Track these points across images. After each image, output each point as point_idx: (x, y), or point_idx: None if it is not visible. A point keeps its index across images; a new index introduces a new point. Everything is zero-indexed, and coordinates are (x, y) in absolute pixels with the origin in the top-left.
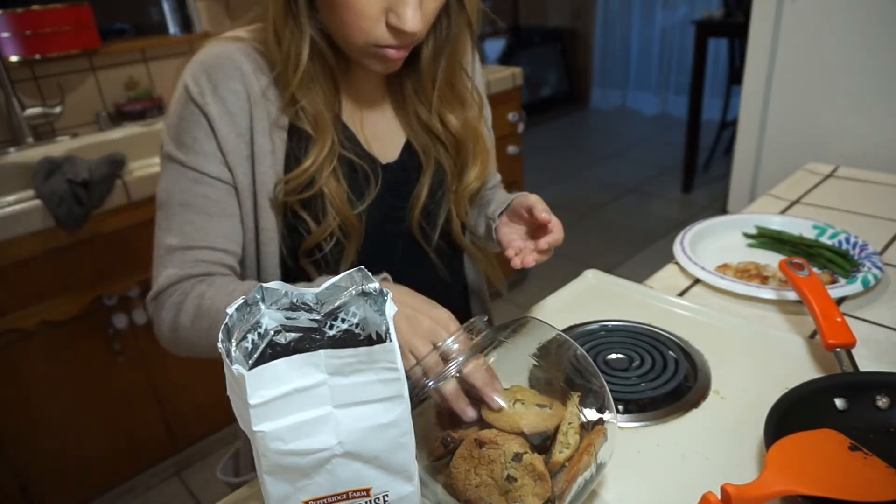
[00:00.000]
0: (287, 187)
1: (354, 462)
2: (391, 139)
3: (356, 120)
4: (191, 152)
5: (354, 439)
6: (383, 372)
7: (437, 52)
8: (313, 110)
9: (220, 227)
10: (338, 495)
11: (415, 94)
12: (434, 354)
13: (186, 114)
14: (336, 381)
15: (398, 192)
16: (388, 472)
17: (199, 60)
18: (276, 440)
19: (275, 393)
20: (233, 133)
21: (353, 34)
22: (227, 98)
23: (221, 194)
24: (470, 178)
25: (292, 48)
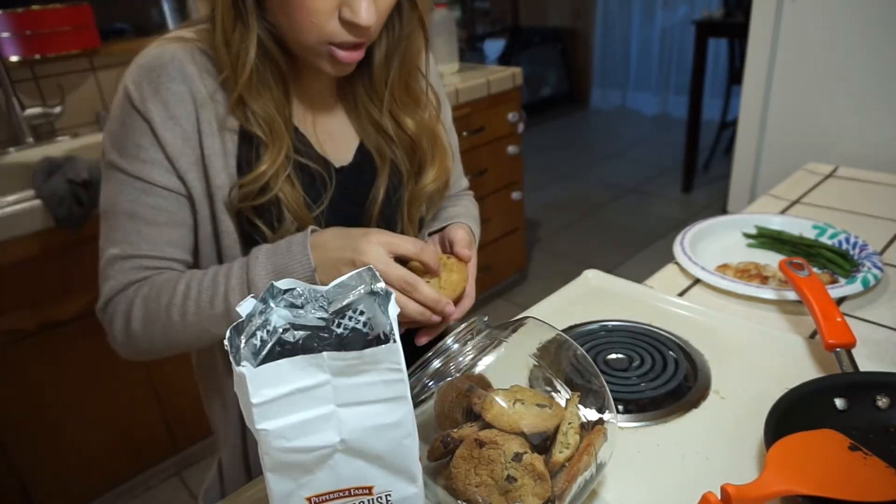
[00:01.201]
0: (240, 192)
1: (356, 459)
2: (344, 141)
3: (307, 122)
4: (136, 161)
5: (357, 437)
6: (386, 373)
7: (390, 53)
8: (265, 115)
9: (167, 236)
10: (340, 492)
11: (367, 96)
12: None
13: (128, 120)
14: (339, 382)
15: (354, 195)
16: (390, 472)
17: (139, 63)
18: (279, 438)
19: (277, 392)
20: (178, 138)
21: (304, 32)
22: (169, 101)
23: (170, 203)
24: (426, 179)
25: (241, 49)
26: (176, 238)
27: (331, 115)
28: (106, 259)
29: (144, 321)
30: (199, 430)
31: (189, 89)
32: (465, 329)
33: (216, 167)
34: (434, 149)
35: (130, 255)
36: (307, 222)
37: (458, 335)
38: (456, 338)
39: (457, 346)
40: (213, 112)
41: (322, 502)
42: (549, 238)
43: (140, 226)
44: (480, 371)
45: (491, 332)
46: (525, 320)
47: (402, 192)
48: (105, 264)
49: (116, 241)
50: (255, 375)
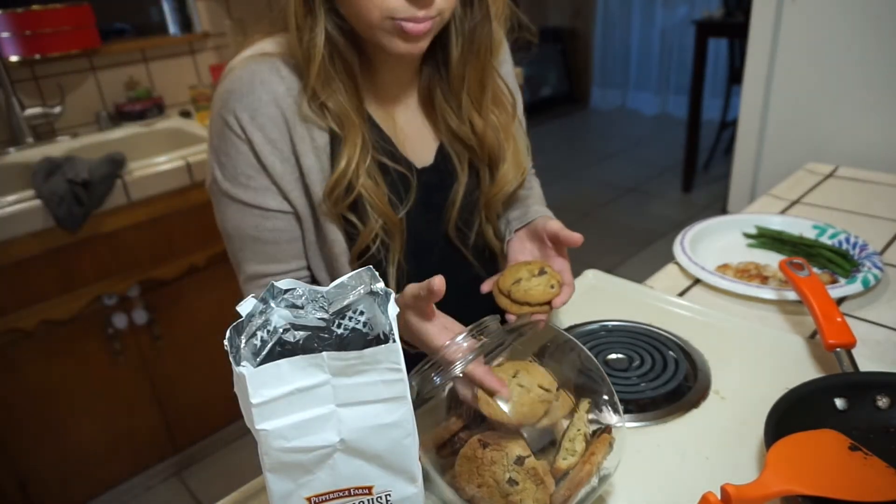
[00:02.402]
0: (333, 197)
1: (356, 459)
2: (424, 142)
3: (388, 121)
4: (249, 190)
5: (356, 437)
6: (386, 373)
7: (465, 49)
8: (336, 108)
9: (290, 251)
10: (339, 491)
11: (444, 97)
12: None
13: (232, 150)
14: (339, 382)
15: (434, 196)
16: (390, 471)
17: (230, 90)
18: (278, 438)
19: (277, 392)
20: (278, 160)
21: (367, 10)
22: (265, 126)
23: (286, 223)
24: (503, 182)
25: (310, 43)
26: (296, 251)
27: (411, 114)
28: (245, 276)
29: None
30: (199, 430)
31: (281, 111)
32: (476, 328)
33: (315, 184)
34: (510, 149)
35: (265, 273)
36: (392, 221)
37: (468, 334)
38: (466, 337)
39: (466, 344)
40: (303, 128)
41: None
42: None
43: (266, 247)
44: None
45: (500, 334)
46: (535, 323)
47: (480, 193)
48: (245, 280)
49: (249, 261)
50: (255, 375)
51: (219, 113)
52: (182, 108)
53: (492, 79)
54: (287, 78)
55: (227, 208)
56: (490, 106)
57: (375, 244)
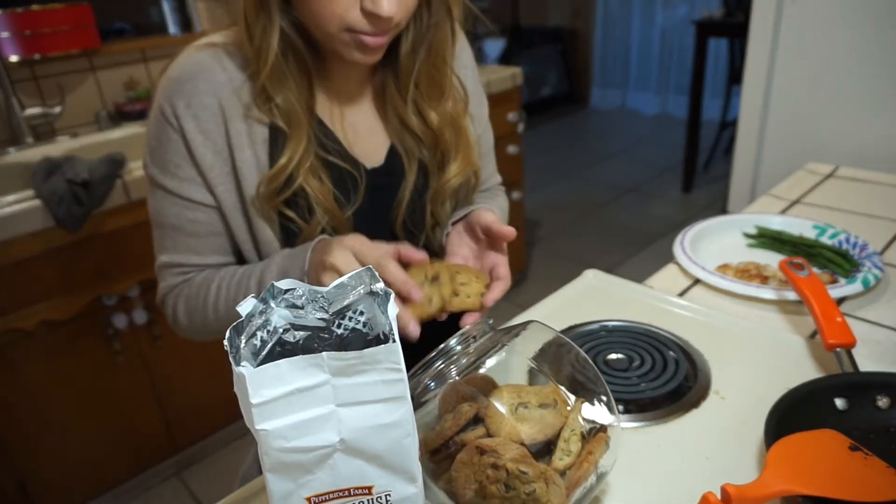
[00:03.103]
0: (268, 189)
1: (356, 458)
2: (375, 141)
3: (336, 120)
4: (174, 178)
5: (357, 437)
6: (386, 372)
7: (417, 43)
8: (285, 105)
9: (210, 245)
10: (339, 491)
11: (395, 91)
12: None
13: (163, 137)
14: (339, 381)
15: (382, 196)
16: (390, 471)
17: (170, 76)
18: (278, 438)
19: (277, 392)
20: (209, 152)
21: (326, 20)
22: (200, 115)
23: (208, 216)
24: (450, 174)
25: (263, 41)
26: (216, 246)
27: (362, 113)
28: (159, 263)
29: (188, 315)
30: (199, 430)
31: (218, 101)
32: (469, 331)
33: (248, 178)
34: (458, 142)
35: (178, 263)
36: (339, 219)
37: (461, 337)
38: (459, 339)
39: (459, 347)
40: (240, 114)
41: (322, 502)
42: (549, 238)
43: (184, 238)
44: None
45: (494, 335)
46: (528, 324)
47: (428, 193)
48: (159, 267)
49: (166, 249)
50: (255, 375)
51: (157, 99)
52: None
53: (441, 72)
54: (229, 69)
55: (153, 194)
56: (440, 100)
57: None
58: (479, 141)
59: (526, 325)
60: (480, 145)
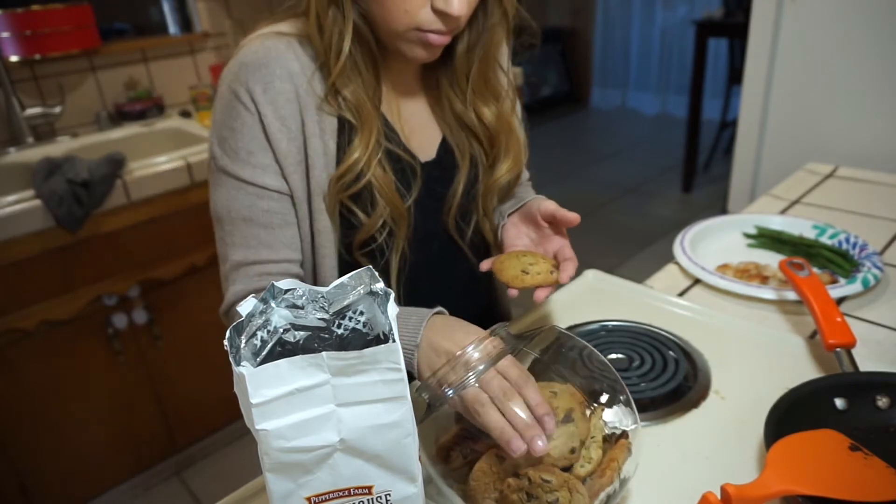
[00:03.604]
0: (339, 184)
1: (356, 459)
2: (428, 135)
3: (395, 114)
4: (247, 166)
5: (356, 437)
6: (386, 372)
7: (472, 44)
8: (355, 99)
9: (283, 238)
10: (339, 491)
11: (450, 88)
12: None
13: (238, 123)
14: (339, 381)
15: (435, 189)
16: (390, 471)
17: (242, 61)
18: (278, 438)
19: (277, 392)
20: (285, 138)
21: (396, 19)
22: (277, 100)
23: (283, 205)
24: (501, 171)
25: (335, 35)
26: (289, 239)
27: (416, 107)
28: (230, 264)
29: None
30: (199, 430)
31: (294, 87)
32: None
33: (317, 168)
34: (510, 141)
35: (252, 261)
36: (399, 210)
37: (478, 343)
38: (476, 345)
39: (477, 354)
40: (314, 110)
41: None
42: None
43: (258, 230)
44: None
45: (512, 341)
46: (547, 328)
47: (479, 186)
48: (229, 269)
49: (237, 246)
50: (255, 375)
51: (228, 85)
52: (182, 108)
53: (494, 72)
54: (302, 57)
55: (222, 187)
56: (492, 99)
57: (383, 234)
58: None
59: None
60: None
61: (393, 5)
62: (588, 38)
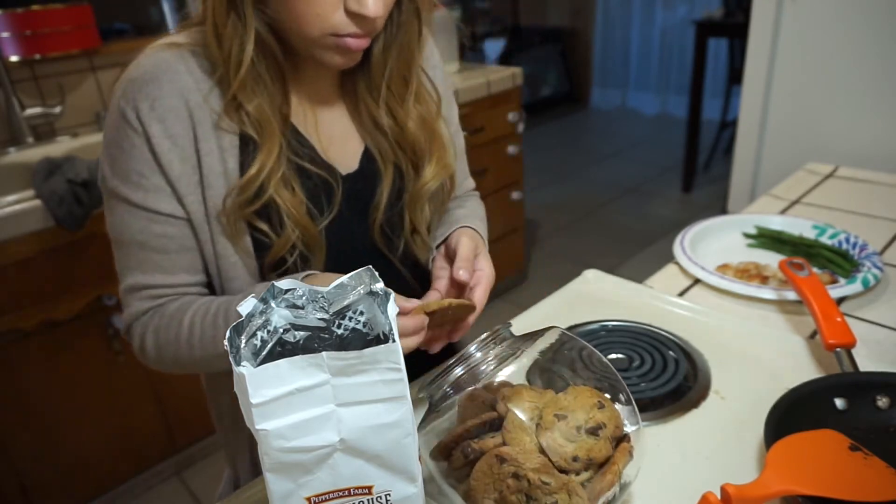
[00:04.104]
0: (238, 199)
1: (356, 459)
2: (349, 145)
3: (310, 124)
4: (139, 189)
5: (356, 437)
6: (386, 372)
7: (388, 44)
8: (257, 113)
9: (180, 262)
10: (339, 491)
11: (367, 93)
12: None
13: (125, 143)
14: (339, 381)
15: (358, 203)
16: (390, 471)
17: (130, 76)
18: (278, 438)
19: (277, 392)
20: (176, 158)
21: (308, 24)
22: (166, 118)
23: (178, 229)
24: (426, 177)
25: (234, 45)
26: (187, 263)
27: (335, 117)
28: (124, 287)
29: (157, 348)
30: (199, 430)
31: (185, 103)
32: (489, 337)
33: (215, 187)
34: (433, 145)
35: (145, 285)
36: (310, 233)
37: (481, 343)
38: (479, 346)
39: (479, 354)
40: (210, 122)
41: (322, 502)
42: (549, 238)
43: (151, 255)
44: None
45: (514, 342)
46: (549, 329)
47: (405, 196)
48: (123, 292)
49: (131, 270)
50: (255, 376)
51: (116, 102)
52: None
53: (415, 74)
54: (195, 70)
55: (115, 209)
56: (413, 101)
57: (293, 256)
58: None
59: (546, 331)
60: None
61: (304, 10)
62: (588, 38)
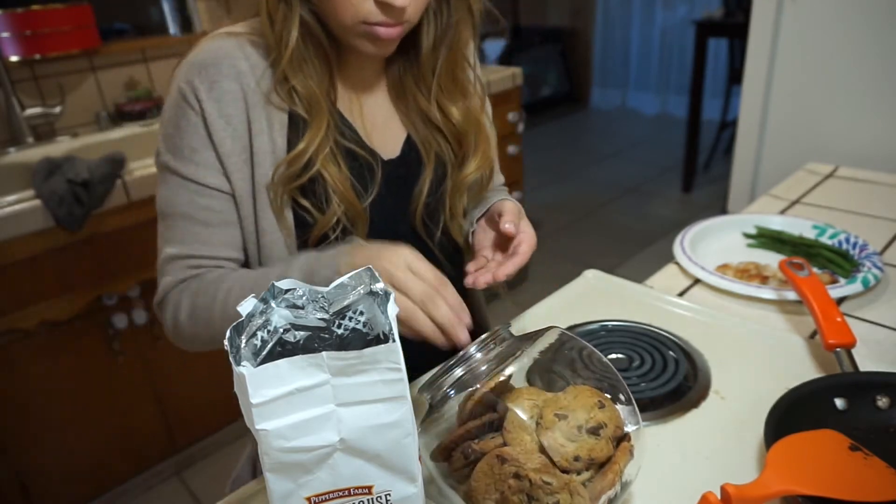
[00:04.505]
0: (286, 172)
1: (356, 458)
2: (391, 133)
3: (354, 110)
4: (189, 164)
5: (356, 437)
6: (386, 372)
7: (438, 40)
8: (305, 91)
9: (221, 237)
10: (339, 491)
11: (414, 85)
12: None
13: (182, 121)
14: (339, 381)
15: (399, 188)
16: (390, 471)
17: (191, 61)
18: (278, 438)
19: (277, 392)
20: (229, 137)
21: (343, 12)
22: (222, 99)
23: (223, 204)
24: (469, 168)
25: (283, 28)
26: (228, 238)
27: (378, 104)
28: (164, 257)
29: (191, 314)
30: (199, 430)
31: (241, 87)
32: (489, 337)
33: (264, 166)
34: (478, 138)
35: (186, 255)
36: (355, 208)
37: (481, 343)
38: (479, 346)
39: (480, 354)
40: (262, 104)
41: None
42: (549, 238)
43: (195, 227)
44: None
45: (514, 342)
46: (548, 330)
47: (446, 185)
48: (163, 261)
49: (173, 241)
50: (255, 375)
51: (176, 84)
52: None
53: (462, 69)
54: (251, 56)
55: (165, 183)
56: (462, 97)
57: (336, 232)
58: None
59: (546, 331)
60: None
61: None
62: (588, 38)
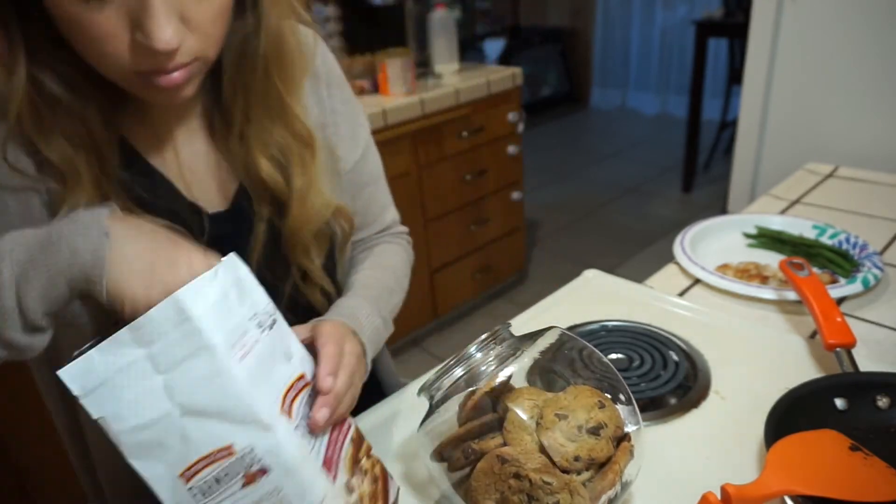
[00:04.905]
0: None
1: (199, 419)
2: (218, 182)
3: (168, 160)
4: None
5: (188, 398)
6: (179, 326)
7: (233, 74)
8: (60, 157)
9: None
10: (203, 459)
11: (224, 127)
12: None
13: None
14: (150, 350)
15: (229, 247)
16: (239, 425)
17: None
18: (117, 420)
19: (97, 380)
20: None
21: (105, 65)
22: None
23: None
24: (294, 219)
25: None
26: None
27: (197, 151)
28: None
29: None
30: None
31: None
32: (489, 337)
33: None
34: (303, 185)
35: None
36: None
37: (481, 344)
38: (479, 346)
39: (479, 354)
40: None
41: (194, 474)
42: (549, 238)
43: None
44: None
45: (514, 342)
46: (549, 330)
47: (281, 241)
48: None
49: None
50: (67, 372)
51: None
52: None
53: (274, 96)
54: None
55: None
56: (280, 131)
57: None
58: (356, 169)
59: (546, 331)
60: (360, 174)
61: (92, 48)
62: (588, 38)
